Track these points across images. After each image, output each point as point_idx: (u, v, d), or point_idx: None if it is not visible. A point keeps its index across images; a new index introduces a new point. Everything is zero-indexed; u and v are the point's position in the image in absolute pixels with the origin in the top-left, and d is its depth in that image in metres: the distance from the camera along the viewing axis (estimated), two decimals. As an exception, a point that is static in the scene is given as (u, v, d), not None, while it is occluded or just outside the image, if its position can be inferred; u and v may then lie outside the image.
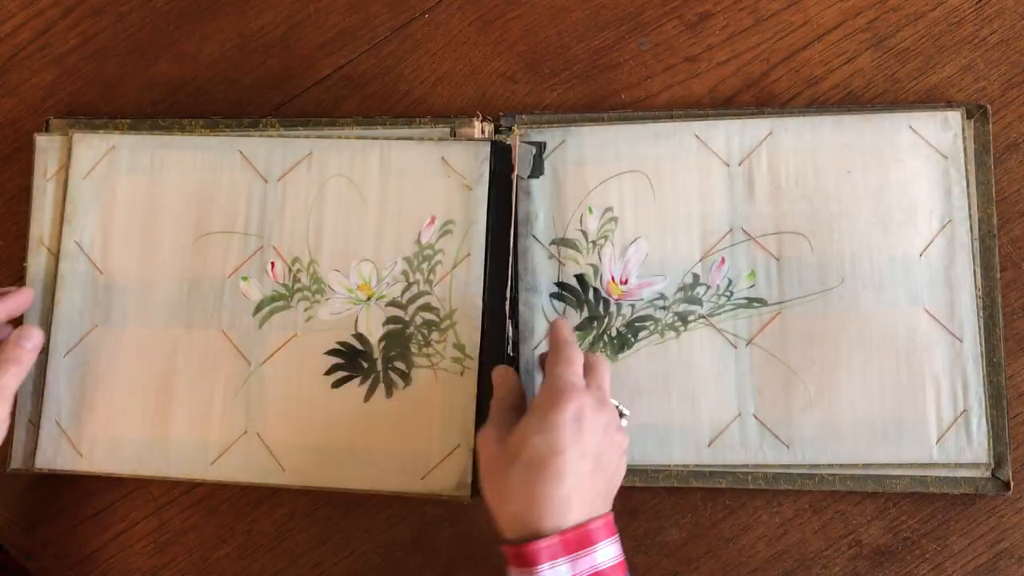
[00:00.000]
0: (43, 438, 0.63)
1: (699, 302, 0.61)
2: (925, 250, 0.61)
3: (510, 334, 0.62)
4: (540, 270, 0.63)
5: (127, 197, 0.65)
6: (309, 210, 0.64)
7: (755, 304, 0.61)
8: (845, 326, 0.60)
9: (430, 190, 0.63)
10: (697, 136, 0.63)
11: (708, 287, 0.62)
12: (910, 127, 0.62)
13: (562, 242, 0.63)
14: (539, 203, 0.63)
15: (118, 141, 0.65)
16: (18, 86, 0.69)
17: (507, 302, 0.62)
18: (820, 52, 0.65)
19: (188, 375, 0.63)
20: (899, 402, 0.59)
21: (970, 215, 0.61)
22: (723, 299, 0.61)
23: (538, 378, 0.62)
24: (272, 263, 0.63)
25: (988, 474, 0.59)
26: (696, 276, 0.62)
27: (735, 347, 0.61)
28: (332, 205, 0.63)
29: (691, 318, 0.61)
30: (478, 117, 0.64)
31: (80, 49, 0.70)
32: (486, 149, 0.63)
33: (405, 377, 0.61)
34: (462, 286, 0.62)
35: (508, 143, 0.63)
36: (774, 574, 0.61)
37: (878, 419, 0.59)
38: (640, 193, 0.63)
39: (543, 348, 0.62)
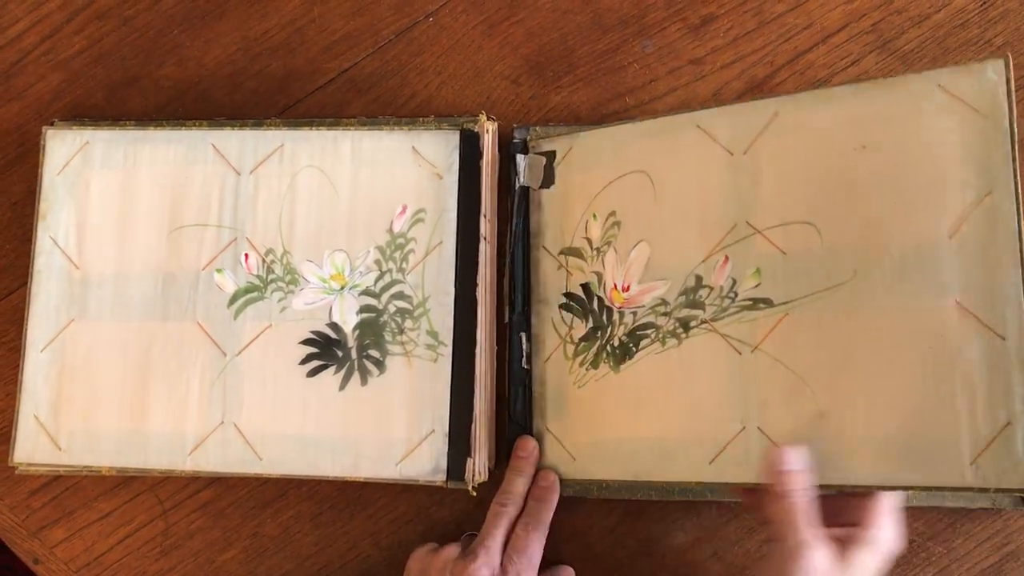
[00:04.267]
0: (21, 433, 0.63)
1: (701, 306, 0.57)
2: (957, 230, 0.50)
3: (524, 347, 0.62)
4: (549, 281, 0.62)
5: (101, 192, 0.65)
6: (282, 201, 0.64)
7: (760, 305, 0.55)
8: (862, 325, 0.51)
9: (401, 179, 0.63)
10: (699, 126, 0.59)
11: (711, 289, 0.57)
12: (939, 86, 0.51)
13: (569, 251, 0.62)
14: (549, 213, 0.63)
15: (92, 136, 0.65)
16: (23, 90, 0.70)
17: (516, 314, 0.62)
18: (824, 55, 0.65)
19: (164, 367, 0.63)
20: (924, 415, 0.49)
21: (1016, 184, 0.49)
22: (727, 301, 0.56)
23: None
24: (246, 255, 0.63)
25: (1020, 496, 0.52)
26: (699, 278, 0.57)
27: (740, 353, 0.55)
28: (304, 196, 0.64)
29: (693, 324, 0.57)
30: (483, 115, 0.64)
31: (85, 53, 0.70)
32: (455, 137, 0.63)
33: (379, 365, 0.61)
34: (434, 274, 0.62)
35: (476, 131, 0.63)
36: (779, 577, 0.61)
37: (899, 436, 0.49)
38: (641, 193, 0.60)
39: (553, 360, 0.61)
